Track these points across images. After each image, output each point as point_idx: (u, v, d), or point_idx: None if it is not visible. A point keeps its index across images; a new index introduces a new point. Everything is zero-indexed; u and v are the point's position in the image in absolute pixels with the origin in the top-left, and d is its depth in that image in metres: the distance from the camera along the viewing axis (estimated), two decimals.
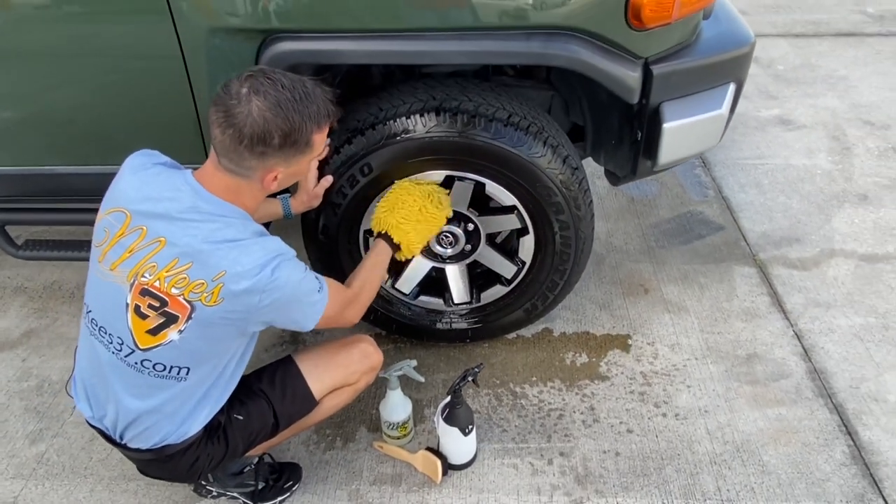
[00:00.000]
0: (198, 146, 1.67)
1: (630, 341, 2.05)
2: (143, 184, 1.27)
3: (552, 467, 1.69)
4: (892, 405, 1.82)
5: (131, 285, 1.23)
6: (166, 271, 1.21)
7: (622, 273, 2.31)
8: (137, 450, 1.37)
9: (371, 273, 1.55)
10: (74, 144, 1.76)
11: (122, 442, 1.37)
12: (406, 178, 1.67)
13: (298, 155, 1.25)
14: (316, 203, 1.66)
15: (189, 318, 1.23)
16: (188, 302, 1.21)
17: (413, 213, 1.61)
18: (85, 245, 1.94)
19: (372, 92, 1.72)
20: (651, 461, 1.70)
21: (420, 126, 1.58)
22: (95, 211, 1.88)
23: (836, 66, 3.64)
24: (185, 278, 1.21)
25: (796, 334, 2.05)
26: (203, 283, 1.20)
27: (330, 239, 1.77)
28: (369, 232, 1.80)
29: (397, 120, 1.59)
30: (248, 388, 1.45)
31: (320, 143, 1.29)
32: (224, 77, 1.52)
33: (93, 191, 1.80)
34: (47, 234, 2.46)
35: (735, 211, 2.58)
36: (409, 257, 1.68)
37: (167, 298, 1.22)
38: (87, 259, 1.92)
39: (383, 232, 1.62)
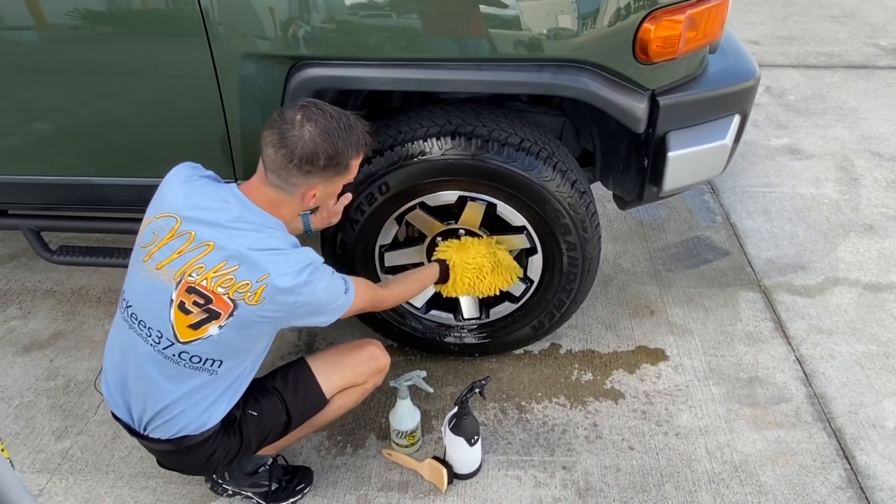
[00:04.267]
0: (226, 162, 1.77)
1: (634, 361, 2.10)
2: (191, 193, 1.40)
3: (554, 480, 1.74)
4: (890, 431, 1.86)
5: (177, 283, 1.34)
6: (214, 272, 1.33)
7: (629, 294, 2.37)
8: (158, 440, 1.46)
9: (411, 285, 1.74)
10: (109, 156, 1.86)
11: (145, 433, 1.46)
12: (490, 238, 1.86)
13: (337, 176, 1.41)
14: (335, 220, 1.75)
15: (231, 315, 1.34)
16: (232, 300, 1.33)
17: (478, 267, 1.81)
18: (115, 253, 2.04)
19: (392, 113, 1.81)
20: (651, 478, 1.75)
21: (436, 149, 1.67)
22: (126, 220, 1.99)
23: (846, 98, 3.69)
24: (231, 279, 1.33)
25: (798, 359, 2.09)
26: (248, 284, 1.33)
27: (347, 253, 1.85)
28: (384, 247, 1.89)
29: (415, 142, 1.67)
30: (263, 387, 1.54)
31: (356, 167, 1.45)
32: (254, 98, 1.64)
33: (124, 201, 1.92)
34: (77, 241, 2.57)
35: (742, 237, 2.64)
36: (446, 294, 1.86)
37: (212, 296, 1.34)
38: (116, 266, 2.04)
39: (443, 261, 1.82)
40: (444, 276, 1.82)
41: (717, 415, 1.91)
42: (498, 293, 1.88)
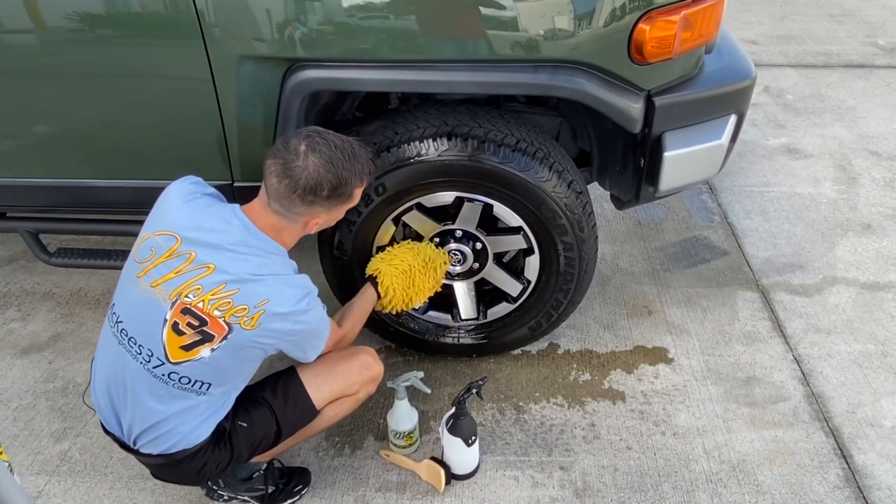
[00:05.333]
0: (223, 164, 1.77)
1: (632, 361, 2.10)
2: (193, 213, 1.39)
3: (552, 480, 1.75)
4: (888, 430, 1.86)
5: (173, 303, 1.33)
6: (211, 295, 1.32)
7: (627, 294, 2.37)
8: (149, 455, 1.45)
9: (359, 317, 1.71)
10: (106, 159, 1.86)
11: (135, 447, 1.45)
12: (410, 241, 1.83)
13: (340, 205, 1.43)
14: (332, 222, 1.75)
15: (225, 338, 1.34)
16: (227, 324, 1.33)
17: (404, 271, 1.75)
18: (113, 255, 2.04)
19: (389, 115, 1.82)
20: (648, 478, 1.75)
21: (432, 150, 1.67)
22: (124, 222, 1.99)
23: (844, 97, 3.69)
24: (229, 302, 1.32)
25: (795, 359, 2.09)
26: (245, 308, 1.32)
27: (344, 254, 1.85)
28: (382, 248, 1.89)
29: (411, 143, 1.68)
30: (252, 397, 1.53)
31: (359, 195, 1.46)
32: (251, 100, 1.65)
33: (122, 203, 1.92)
34: (75, 243, 2.57)
35: (740, 237, 2.64)
36: (388, 311, 1.81)
37: (207, 319, 1.33)
38: (114, 268, 2.04)
39: (374, 277, 1.76)
40: (378, 294, 1.76)
41: (715, 414, 1.92)
42: (438, 289, 1.82)
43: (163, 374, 1.36)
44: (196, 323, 1.33)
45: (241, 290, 1.32)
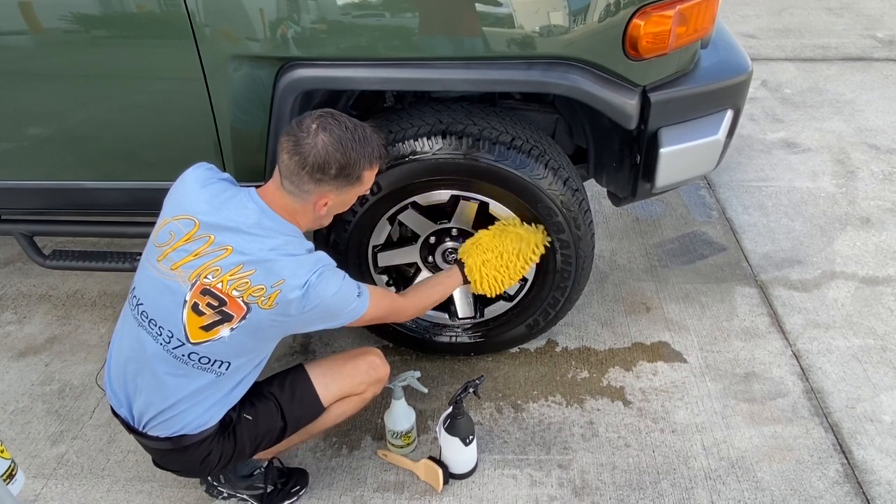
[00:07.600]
0: (217, 164, 1.75)
1: (630, 358, 2.09)
2: (211, 197, 1.41)
3: (550, 479, 1.74)
4: (887, 425, 1.85)
5: (192, 285, 1.36)
6: (230, 275, 1.34)
7: (625, 291, 2.36)
8: (156, 438, 1.46)
9: (432, 290, 1.69)
10: (100, 160, 1.85)
11: (144, 430, 1.46)
12: (502, 222, 1.77)
13: (349, 186, 1.42)
14: (326, 222, 1.74)
15: (243, 318, 1.36)
16: (246, 304, 1.35)
17: (490, 251, 1.72)
18: (109, 256, 2.03)
19: (383, 113, 1.81)
20: (647, 475, 1.74)
21: (427, 148, 1.66)
22: (119, 224, 1.99)
23: (843, 91, 3.68)
24: (247, 282, 1.34)
25: (794, 354, 2.09)
26: (263, 288, 1.34)
27: (339, 254, 1.84)
28: (377, 247, 1.88)
29: (406, 142, 1.67)
30: (259, 391, 1.55)
31: (370, 179, 1.45)
32: (244, 100, 1.64)
33: (117, 204, 1.91)
34: (71, 245, 2.56)
35: (738, 232, 2.63)
36: (478, 293, 1.78)
37: (227, 299, 1.35)
38: (110, 270, 2.04)
39: (461, 261, 1.75)
40: (466, 279, 1.75)
41: (714, 411, 1.91)
42: (532, 265, 1.77)
43: (182, 355, 1.39)
44: (215, 303, 1.35)
45: (258, 271, 1.34)
